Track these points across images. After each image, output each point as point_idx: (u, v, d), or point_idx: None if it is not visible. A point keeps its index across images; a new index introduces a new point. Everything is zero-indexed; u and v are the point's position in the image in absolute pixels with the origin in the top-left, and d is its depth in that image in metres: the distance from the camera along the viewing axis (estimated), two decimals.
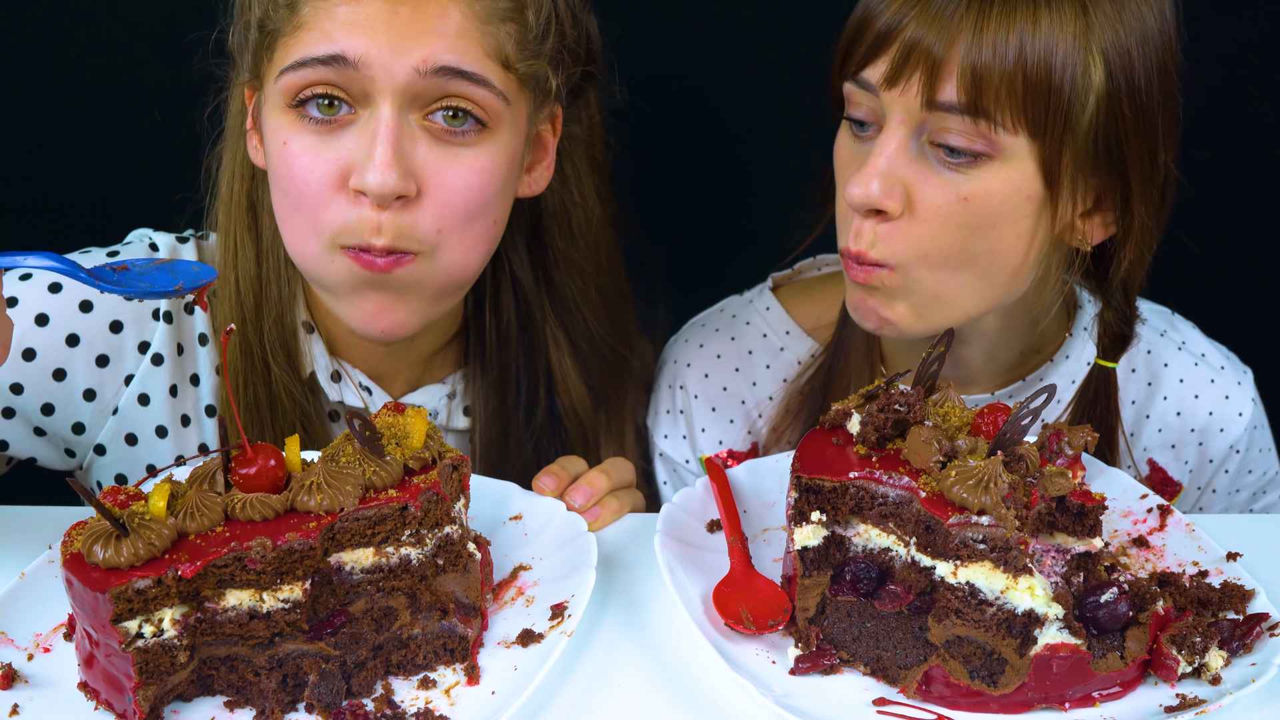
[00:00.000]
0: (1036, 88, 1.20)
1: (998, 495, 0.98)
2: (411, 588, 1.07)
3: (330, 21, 1.22)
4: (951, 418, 1.09)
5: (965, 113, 1.21)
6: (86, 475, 1.44)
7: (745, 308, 1.63)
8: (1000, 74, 1.19)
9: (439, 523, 1.07)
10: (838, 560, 1.09)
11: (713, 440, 1.60)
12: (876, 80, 1.25)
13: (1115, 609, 1.03)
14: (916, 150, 1.25)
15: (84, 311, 1.35)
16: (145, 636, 0.98)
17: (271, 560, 1.00)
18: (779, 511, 1.26)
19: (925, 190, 1.25)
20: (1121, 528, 1.23)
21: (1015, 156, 1.23)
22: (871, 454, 1.08)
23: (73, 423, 1.37)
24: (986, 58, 1.19)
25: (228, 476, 1.03)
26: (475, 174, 1.27)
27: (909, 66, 1.22)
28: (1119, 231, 1.31)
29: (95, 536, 0.97)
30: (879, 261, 1.28)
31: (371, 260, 1.25)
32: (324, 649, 1.04)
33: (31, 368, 1.33)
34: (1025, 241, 1.28)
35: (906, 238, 1.26)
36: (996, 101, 1.20)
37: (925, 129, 1.24)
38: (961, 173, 1.24)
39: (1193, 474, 1.58)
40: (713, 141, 1.97)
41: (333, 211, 1.24)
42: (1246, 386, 1.57)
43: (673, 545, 1.16)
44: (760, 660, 1.08)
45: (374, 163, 1.21)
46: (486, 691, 1.04)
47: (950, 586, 1.02)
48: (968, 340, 1.44)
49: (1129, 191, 1.28)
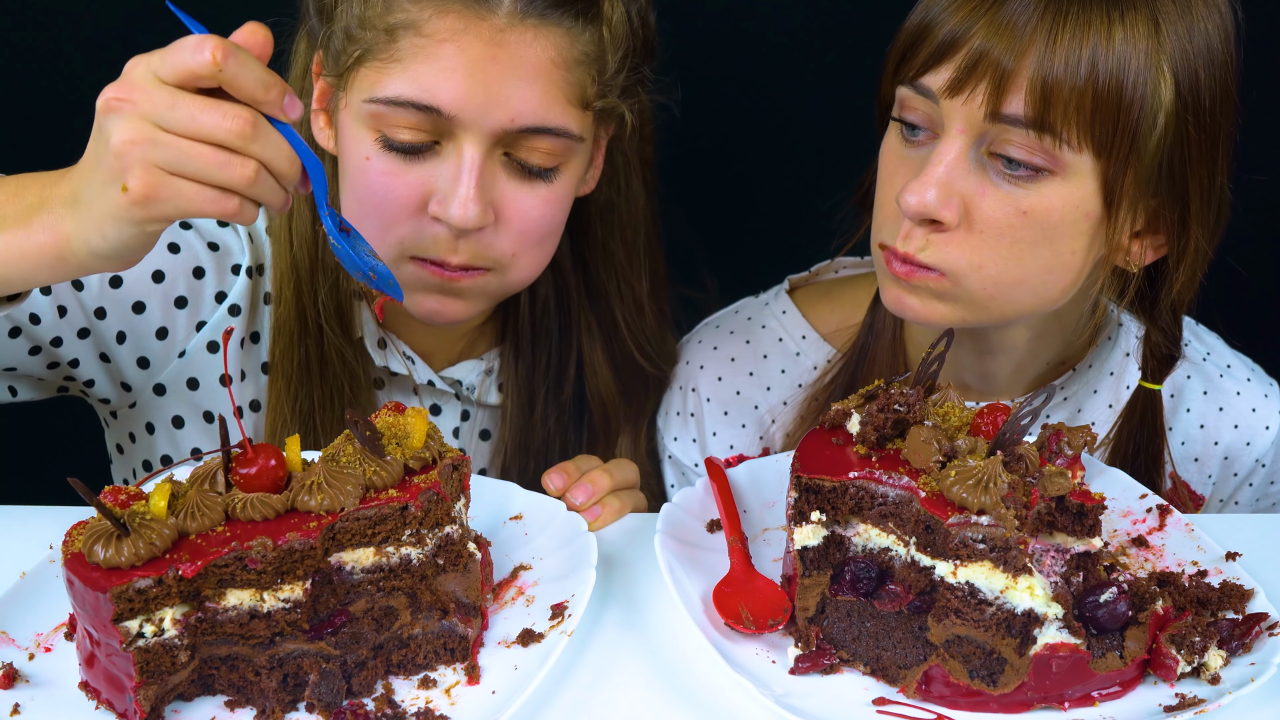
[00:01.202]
0: (1106, 105, 1.18)
1: (997, 495, 0.98)
2: (412, 587, 1.07)
3: (427, 65, 1.24)
4: (951, 418, 1.09)
5: (1031, 127, 1.19)
6: (136, 415, 1.47)
7: (761, 310, 1.62)
8: (1071, 89, 1.17)
9: (439, 522, 1.07)
10: (837, 560, 1.09)
11: (724, 444, 1.58)
12: (938, 87, 1.23)
13: (1115, 609, 1.03)
14: (975, 161, 1.23)
15: (172, 253, 1.40)
16: (146, 636, 0.98)
17: (272, 560, 1.00)
18: (779, 511, 1.26)
19: (983, 202, 1.23)
20: (1121, 527, 1.23)
21: (1077, 174, 1.21)
22: (871, 454, 1.08)
23: (139, 356, 1.41)
24: (1058, 72, 1.17)
25: (228, 476, 1.04)
26: (550, 204, 1.33)
27: (975, 76, 1.19)
28: (1172, 254, 1.29)
29: (96, 536, 0.97)
30: (930, 266, 1.27)
31: (442, 271, 1.32)
32: (324, 648, 1.04)
33: (116, 295, 1.37)
34: (1080, 259, 1.27)
35: (963, 248, 1.25)
36: (1064, 118, 1.18)
37: (985, 140, 1.22)
38: (1021, 186, 1.22)
39: (1215, 487, 1.55)
40: (728, 142, 1.96)
41: (408, 228, 1.30)
42: (1274, 399, 1.55)
43: (673, 545, 1.16)
44: (760, 660, 1.08)
45: (459, 198, 1.27)
46: (487, 691, 1.05)
47: (950, 586, 1.02)
48: (996, 353, 1.43)
49: (1187, 214, 1.26)
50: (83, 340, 1.36)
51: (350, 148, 1.31)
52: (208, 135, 0.96)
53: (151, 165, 0.96)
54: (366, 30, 1.26)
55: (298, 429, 1.41)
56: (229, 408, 1.45)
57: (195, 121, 0.96)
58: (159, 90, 0.96)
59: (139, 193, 0.96)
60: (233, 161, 0.97)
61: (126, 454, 1.52)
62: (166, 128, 0.96)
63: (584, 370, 1.57)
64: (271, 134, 0.99)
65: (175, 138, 0.96)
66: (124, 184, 0.95)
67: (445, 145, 1.28)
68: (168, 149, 0.96)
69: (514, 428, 1.56)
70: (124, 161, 0.95)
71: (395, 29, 1.25)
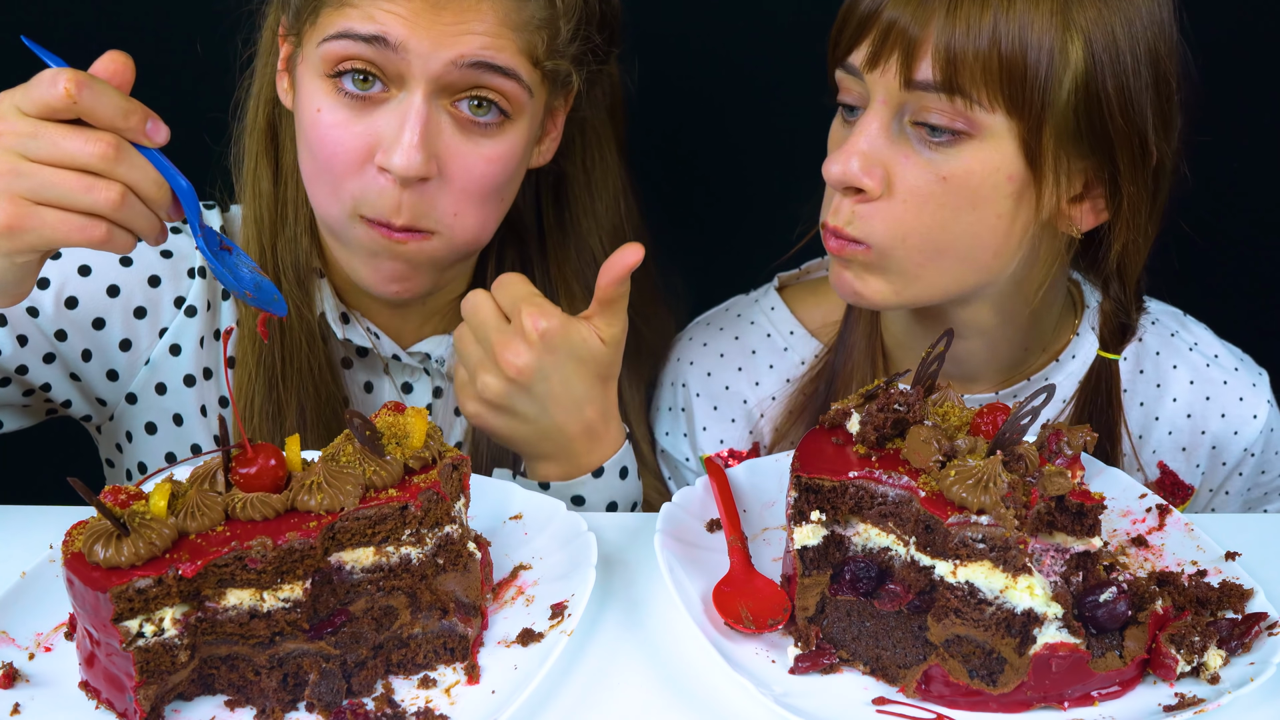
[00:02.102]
0: (1012, 65, 1.21)
1: (997, 495, 0.98)
2: (412, 587, 1.07)
3: (375, 6, 1.27)
4: (951, 417, 1.10)
5: (941, 90, 1.23)
6: (116, 426, 1.48)
7: (750, 307, 1.63)
8: (974, 52, 1.21)
9: (439, 522, 1.07)
10: (837, 559, 1.09)
11: (714, 439, 1.59)
12: (860, 63, 1.28)
13: (1114, 608, 1.03)
14: (898, 131, 1.28)
15: (124, 266, 1.41)
16: (146, 636, 0.98)
17: (272, 560, 1.00)
18: (779, 511, 1.26)
19: (904, 170, 1.27)
20: (1120, 527, 1.23)
21: (994, 135, 1.25)
22: (871, 453, 1.08)
23: (107, 370, 1.42)
24: (960, 36, 1.21)
25: (228, 476, 1.04)
26: (493, 162, 1.33)
27: (888, 47, 1.25)
28: (1111, 216, 1.32)
29: (96, 536, 0.97)
30: (856, 238, 1.30)
31: (389, 233, 1.32)
32: (324, 648, 1.04)
33: (73, 315, 1.38)
34: (1006, 223, 1.29)
35: (886, 218, 1.28)
36: (972, 79, 1.22)
37: (907, 110, 1.26)
38: (941, 152, 1.26)
39: (1204, 476, 1.56)
40: (717, 140, 1.96)
41: (356, 182, 1.31)
42: (1262, 388, 1.55)
43: (673, 545, 1.17)
44: (760, 659, 1.08)
45: (401, 145, 1.27)
46: (487, 690, 1.05)
47: (949, 586, 1.02)
48: (966, 335, 1.44)
49: (1116, 174, 1.28)
50: (49, 365, 1.38)
51: (304, 102, 1.32)
52: (71, 160, 0.98)
53: (16, 196, 0.98)
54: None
55: (267, 413, 1.42)
56: (195, 409, 1.46)
57: (58, 148, 0.98)
58: (21, 121, 0.98)
59: (3, 224, 0.98)
60: (97, 185, 0.99)
61: (117, 466, 1.54)
62: (30, 157, 0.98)
63: None
64: (136, 158, 1.01)
65: (39, 166, 0.98)
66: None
67: (394, 93, 1.29)
68: (30, 178, 0.98)
69: None
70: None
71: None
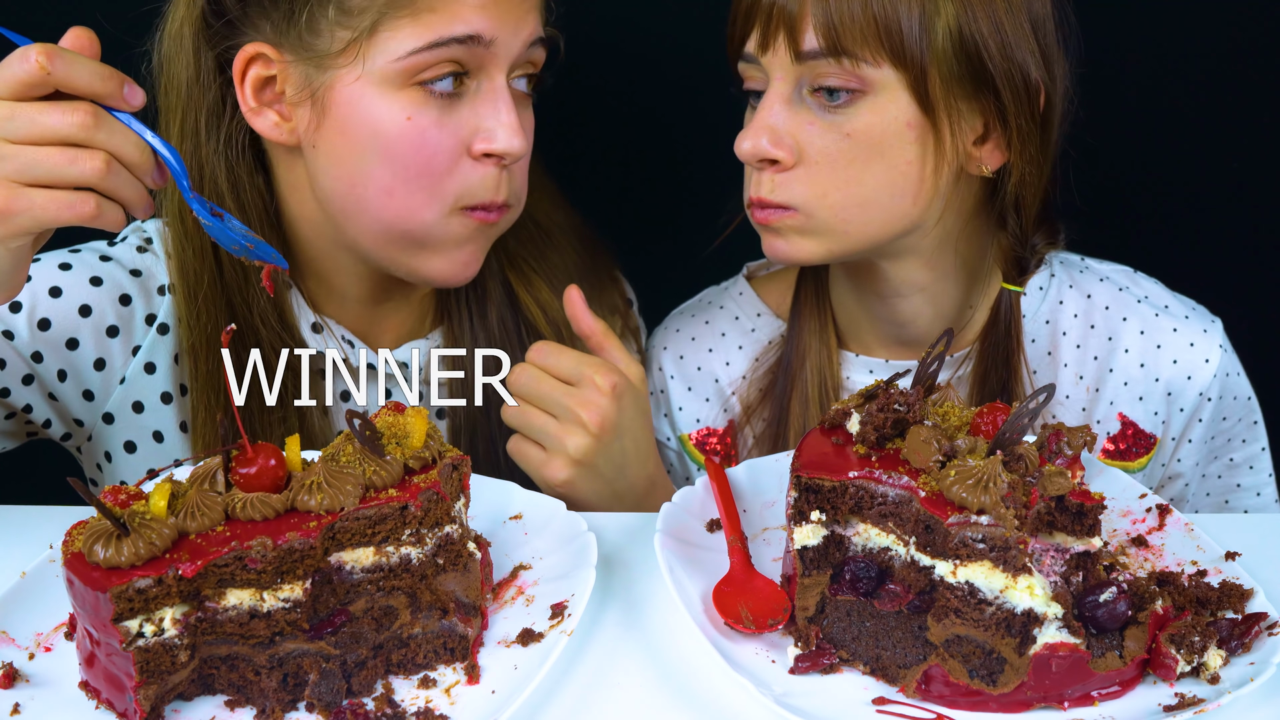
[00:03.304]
0: (886, 21, 1.30)
1: (997, 495, 0.98)
2: (412, 587, 1.07)
3: (461, 4, 1.29)
4: (951, 417, 1.10)
5: (829, 56, 1.32)
6: (95, 446, 1.48)
7: (720, 294, 1.72)
8: (850, 15, 1.30)
9: (439, 522, 1.07)
10: (837, 559, 1.09)
11: (690, 418, 1.66)
12: (753, 49, 1.38)
13: (1114, 608, 1.03)
14: (799, 101, 1.37)
15: (95, 285, 1.41)
16: (146, 636, 0.98)
17: (272, 560, 1.00)
18: (779, 511, 1.26)
19: (811, 135, 1.36)
20: (1120, 527, 1.23)
21: (886, 88, 1.34)
22: (871, 453, 1.09)
23: (83, 390, 1.42)
24: (835, 3, 1.30)
25: (228, 476, 1.04)
26: (531, 134, 1.40)
27: (774, 28, 1.34)
28: (1010, 151, 1.40)
29: (96, 536, 0.97)
30: (781, 204, 1.39)
31: (487, 215, 1.37)
32: (324, 648, 1.04)
33: (48, 336, 1.38)
34: (917, 168, 1.37)
35: (804, 182, 1.38)
36: (854, 40, 1.31)
37: (803, 81, 1.35)
38: (840, 113, 1.35)
39: (1165, 426, 1.60)
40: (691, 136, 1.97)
41: (457, 179, 1.34)
42: (1214, 334, 1.59)
43: (672, 545, 1.17)
44: (760, 659, 1.08)
45: (505, 128, 1.33)
46: (487, 690, 1.05)
47: (949, 586, 1.02)
48: (905, 293, 1.51)
49: (1003, 109, 1.37)
50: (28, 386, 1.38)
51: (380, 116, 1.31)
52: (51, 134, 0.98)
53: (2, 180, 0.97)
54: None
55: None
56: (174, 425, 1.46)
57: (36, 124, 0.98)
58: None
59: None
60: (80, 155, 0.98)
61: (100, 486, 1.53)
62: (10, 138, 0.98)
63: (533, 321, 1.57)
64: (115, 124, 1.00)
65: (20, 146, 0.98)
66: None
67: (469, 85, 1.33)
68: (13, 159, 0.97)
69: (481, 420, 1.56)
70: None
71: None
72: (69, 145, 0.99)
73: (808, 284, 1.59)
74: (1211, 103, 1.91)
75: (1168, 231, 1.97)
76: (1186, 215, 1.97)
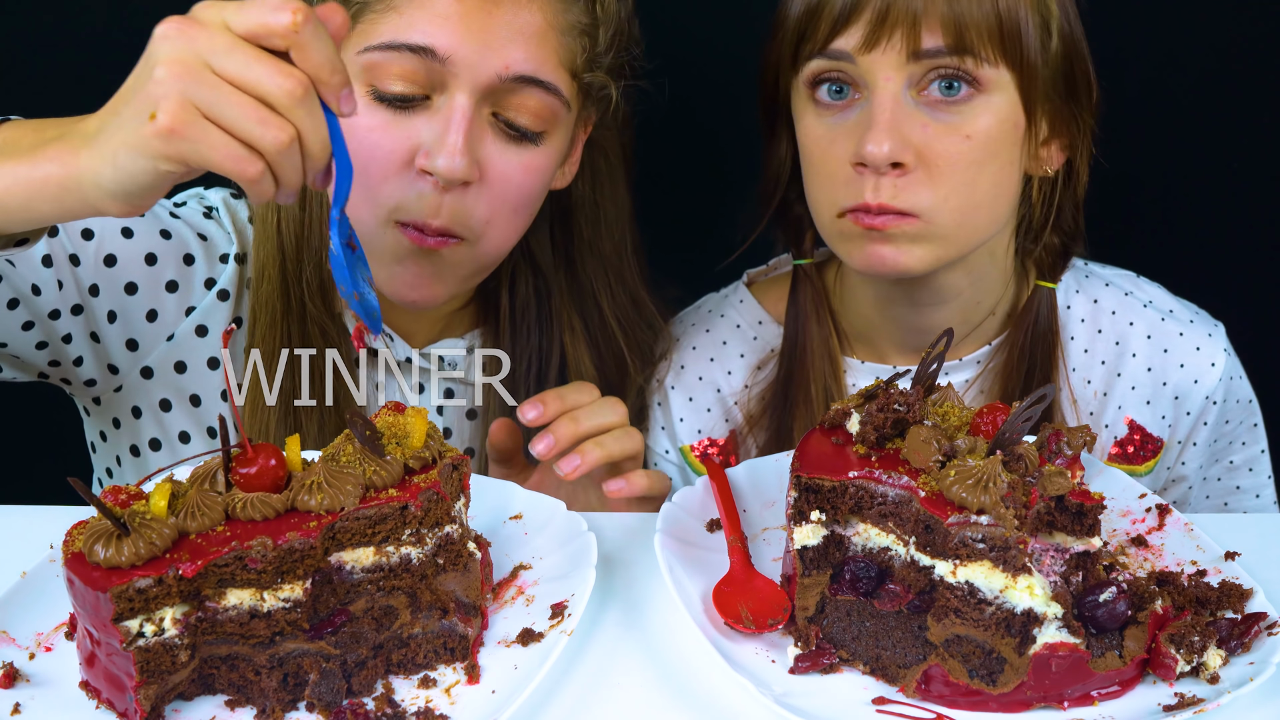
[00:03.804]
0: (1011, 17, 1.29)
1: (997, 495, 0.98)
2: (412, 587, 1.07)
3: (424, 10, 1.26)
4: (951, 417, 1.10)
5: (952, 54, 1.29)
6: (120, 399, 1.46)
7: (720, 302, 1.69)
8: (976, 11, 1.28)
9: (439, 522, 1.07)
10: (837, 559, 1.09)
11: (691, 429, 1.64)
12: (853, 47, 1.32)
13: (1114, 608, 1.03)
14: (911, 104, 1.32)
15: (164, 238, 1.41)
16: (146, 635, 0.98)
17: (272, 559, 1.00)
18: (779, 511, 1.27)
19: (930, 138, 1.32)
20: (1120, 527, 1.23)
21: (999, 88, 1.32)
22: (871, 453, 1.09)
23: (128, 338, 1.41)
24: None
25: (228, 476, 1.04)
26: (530, 172, 1.34)
27: (888, 26, 1.29)
28: (1075, 151, 1.41)
29: (96, 536, 0.97)
30: (904, 210, 1.33)
31: (423, 237, 1.32)
32: (324, 648, 1.04)
33: (110, 273, 1.37)
34: (1015, 170, 1.37)
35: (926, 185, 1.33)
36: (979, 37, 1.28)
37: (913, 81, 1.32)
38: (957, 113, 1.32)
39: (1171, 429, 1.60)
40: (692, 142, 1.97)
41: (393, 187, 1.31)
42: (1218, 338, 1.60)
43: (673, 544, 1.17)
44: (760, 659, 1.08)
45: (447, 148, 1.28)
46: (487, 690, 1.05)
47: (949, 586, 1.02)
48: (940, 303, 1.50)
49: (1079, 108, 1.38)
50: (76, 317, 1.37)
51: None
52: (255, 87, 0.93)
53: (187, 100, 0.92)
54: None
55: (279, 409, 1.41)
56: (215, 391, 1.46)
57: (250, 69, 0.93)
58: (221, 33, 0.93)
59: (165, 125, 0.91)
60: (271, 120, 0.93)
61: (110, 441, 1.51)
62: (216, 69, 0.92)
63: (567, 369, 1.57)
64: (317, 108, 0.96)
65: (220, 80, 0.92)
66: (153, 113, 0.91)
67: (435, 99, 1.29)
68: (210, 89, 0.92)
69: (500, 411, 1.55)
70: (161, 89, 0.91)
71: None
72: (265, 106, 0.94)
73: (805, 292, 1.56)
74: (1209, 104, 1.91)
75: (1164, 233, 1.97)
76: (1183, 217, 1.97)
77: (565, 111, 1.35)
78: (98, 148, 0.96)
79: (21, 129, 1.04)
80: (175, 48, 0.92)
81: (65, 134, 0.99)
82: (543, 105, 1.32)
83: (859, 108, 1.35)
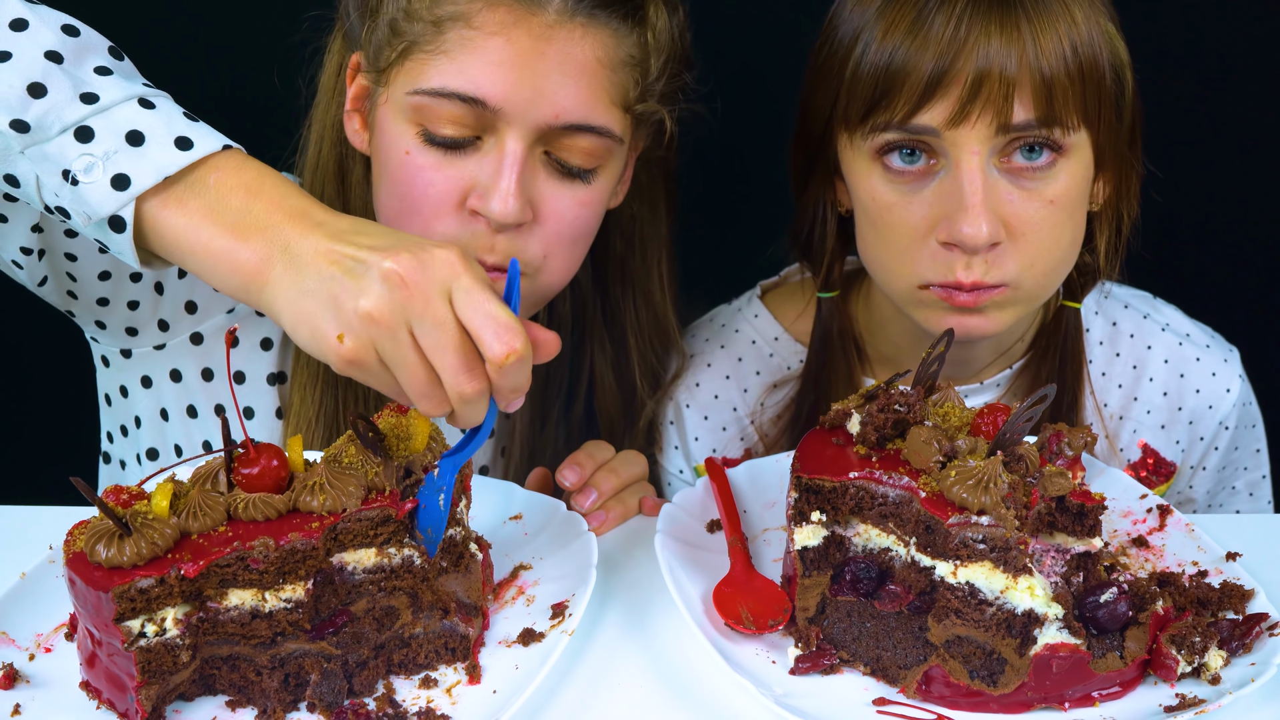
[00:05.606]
0: (1091, 80, 1.26)
1: (997, 495, 0.98)
2: (413, 587, 1.07)
3: (475, 56, 1.24)
4: (951, 418, 1.10)
5: (1041, 126, 1.24)
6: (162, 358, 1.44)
7: (734, 316, 1.64)
8: (1065, 78, 1.23)
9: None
10: (838, 560, 1.09)
11: (706, 449, 1.60)
12: (939, 123, 1.25)
13: (1115, 609, 1.03)
14: (996, 174, 1.27)
15: None
16: (147, 636, 0.98)
17: (274, 560, 1.00)
18: (779, 511, 1.27)
19: (1015, 209, 1.27)
20: (1121, 528, 1.23)
21: (1077, 149, 1.29)
22: (871, 454, 1.09)
23: (189, 300, 1.39)
24: (1051, 68, 1.23)
25: (230, 476, 1.04)
26: (585, 206, 1.32)
27: (979, 101, 1.23)
28: (1121, 183, 1.38)
29: (98, 535, 0.97)
30: (996, 284, 1.29)
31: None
32: (326, 648, 1.04)
33: None
34: (1084, 218, 1.36)
35: (1015, 256, 1.29)
36: (1064, 106, 1.24)
37: (996, 149, 1.26)
38: (1040, 180, 1.28)
39: (1185, 454, 1.59)
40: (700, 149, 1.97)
41: (446, 225, 1.29)
42: (1233, 363, 1.59)
43: (673, 545, 1.17)
44: (760, 660, 1.08)
45: (499, 192, 1.25)
46: (488, 690, 1.05)
47: (950, 586, 1.02)
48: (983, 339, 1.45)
49: (1134, 144, 1.36)
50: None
51: (390, 142, 1.30)
52: (438, 367, 0.96)
53: (372, 346, 0.96)
54: (413, 23, 1.26)
55: (321, 432, 1.40)
56: (263, 374, 1.44)
57: (441, 355, 0.95)
58: (440, 305, 0.95)
59: (346, 354, 0.96)
60: (434, 398, 0.97)
61: (132, 399, 1.48)
62: (415, 333, 0.95)
63: (595, 388, 1.57)
64: (481, 408, 0.98)
65: (411, 344, 0.95)
66: (341, 334, 0.95)
67: (486, 140, 1.27)
68: (397, 348, 0.95)
69: (524, 440, 1.56)
70: (358, 324, 0.95)
71: (443, 21, 1.24)
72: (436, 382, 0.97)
73: (831, 323, 1.50)
74: (1216, 117, 1.89)
75: (1172, 250, 1.95)
76: (1190, 235, 1.95)
77: (618, 146, 1.33)
78: (290, 286, 0.98)
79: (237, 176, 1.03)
80: (393, 299, 0.94)
81: (272, 226, 1.00)
82: (594, 146, 1.30)
83: (937, 177, 1.28)
